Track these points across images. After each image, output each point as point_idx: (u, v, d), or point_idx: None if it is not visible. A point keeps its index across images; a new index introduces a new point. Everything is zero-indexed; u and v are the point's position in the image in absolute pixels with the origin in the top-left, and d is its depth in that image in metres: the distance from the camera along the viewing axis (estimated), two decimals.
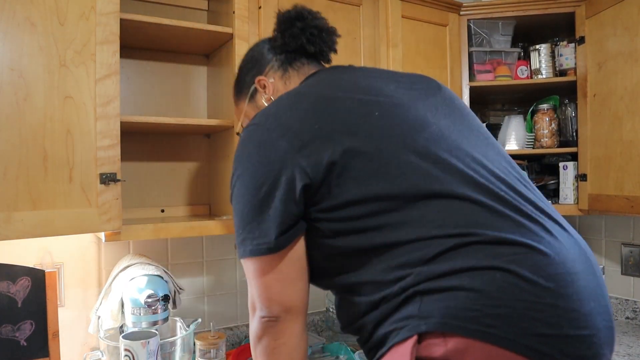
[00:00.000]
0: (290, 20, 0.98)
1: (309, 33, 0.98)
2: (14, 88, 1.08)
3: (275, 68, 1.01)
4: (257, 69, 1.03)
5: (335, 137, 0.76)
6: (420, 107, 0.84)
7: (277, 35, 1.00)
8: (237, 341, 1.74)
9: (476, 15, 1.91)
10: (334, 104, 0.81)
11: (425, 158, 0.76)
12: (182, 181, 1.65)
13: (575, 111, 1.87)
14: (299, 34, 0.97)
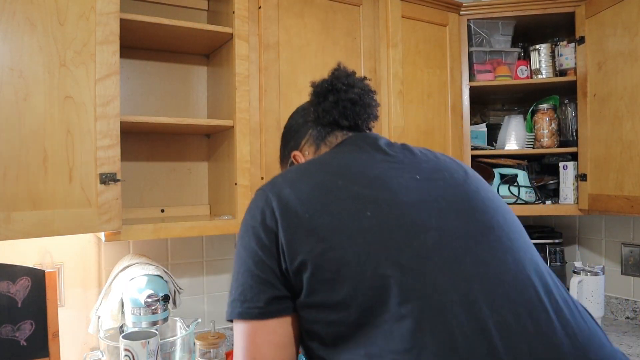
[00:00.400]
0: (323, 94, 0.96)
1: (341, 107, 0.94)
2: (14, 88, 1.08)
3: (309, 142, 0.98)
4: (294, 141, 1.01)
5: (319, 232, 0.71)
6: (427, 206, 0.74)
7: (310, 109, 0.98)
8: None
9: (476, 15, 1.91)
10: (330, 195, 0.75)
11: (406, 274, 0.67)
12: (182, 181, 1.65)
13: (575, 111, 1.87)
14: (331, 108, 0.94)
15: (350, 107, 0.94)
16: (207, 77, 1.69)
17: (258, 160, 1.45)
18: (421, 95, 1.79)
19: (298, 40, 1.51)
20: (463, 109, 1.90)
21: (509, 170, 1.98)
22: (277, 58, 1.47)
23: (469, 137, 1.90)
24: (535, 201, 1.93)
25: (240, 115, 1.42)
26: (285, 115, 1.48)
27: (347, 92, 0.95)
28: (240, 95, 1.42)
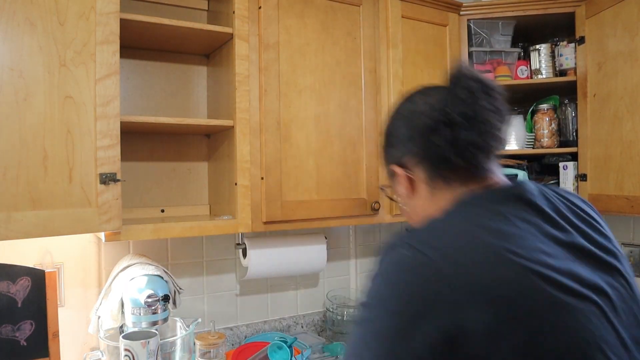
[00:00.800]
0: (431, 127, 0.76)
1: (458, 147, 0.74)
2: (14, 88, 1.08)
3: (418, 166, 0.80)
4: (396, 150, 0.84)
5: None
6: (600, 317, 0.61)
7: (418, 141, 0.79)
8: (237, 341, 1.74)
9: (476, 15, 1.91)
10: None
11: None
12: (182, 181, 1.65)
13: (575, 111, 1.87)
14: (444, 145, 0.75)
15: (471, 151, 0.74)
16: (207, 77, 1.69)
17: (258, 160, 1.45)
18: None
19: (298, 40, 1.51)
20: None
21: (509, 170, 1.97)
22: (277, 58, 1.47)
23: None
24: None
25: (240, 115, 1.42)
26: (286, 115, 1.48)
27: (467, 130, 0.73)
28: (240, 95, 1.42)
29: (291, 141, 1.49)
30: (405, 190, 0.83)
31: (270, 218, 1.45)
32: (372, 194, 1.63)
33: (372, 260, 2.08)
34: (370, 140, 1.64)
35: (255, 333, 1.78)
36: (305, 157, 1.51)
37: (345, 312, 1.83)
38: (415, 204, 0.83)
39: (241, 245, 1.65)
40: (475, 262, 0.60)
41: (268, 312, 1.84)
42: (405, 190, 0.83)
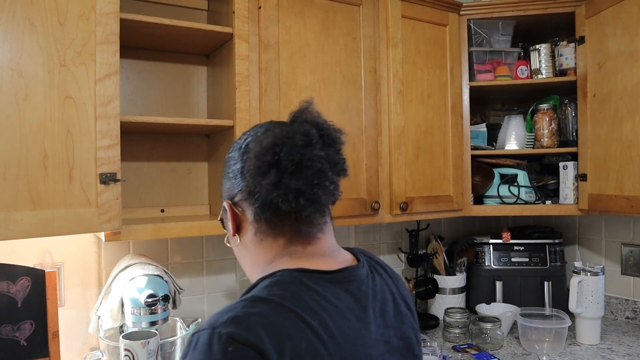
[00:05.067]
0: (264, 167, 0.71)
1: (283, 192, 0.71)
2: (14, 88, 1.08)
3: (247, 204, 0.77)
4: (229, 184, 0.80)
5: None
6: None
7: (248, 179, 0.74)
8: None
9: (476, 15, 1.91)
10: None
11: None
12: (182, 181, 1.65)
13: (575, 111, 1.87)
14: (271, 189, 0.71)
15: (294, 197, 0.71)
16: (207, 77, 1.69)
17: None
18: (421, 95, 1.79)
19: (298, 40, 1.51)
20: (463, 109, 1.90)
21: (509, 170, 1.97)
22: (277, 58, 1.47)
23: (469, 137, 1.90)
24: (535, 201, 1.93)
25: (240, 115, 1.42)
26: (286, 115, 1.47)
27: (292, 176, 0.70)
28: (240, 95, 1.42)
29: None
30: (231, 229, 0.79)
31: None
32: (372, 194, 1.63)
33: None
34: (370, 140, 1.64)
35: None
36: None
37: None
38: (243, 246, 0.80)
39: None
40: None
41: None
42: (231, 228, 0.79)
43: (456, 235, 2.33)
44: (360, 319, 0.70)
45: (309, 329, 0.62)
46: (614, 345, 1.73)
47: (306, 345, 0.61)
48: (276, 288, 0.67)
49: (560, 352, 1.67)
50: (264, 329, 0.60)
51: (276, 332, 0.60)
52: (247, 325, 0.60)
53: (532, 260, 2.00)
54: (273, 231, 0.75)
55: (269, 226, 0.75)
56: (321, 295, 0.67)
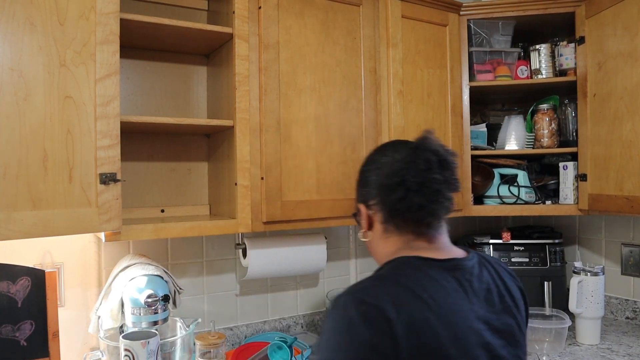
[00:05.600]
0: (392, 186, 0.92)
1: (407, 204, 0.91)
2: (14, 88, 1.08)
3: (378, 208, 0.97)
4: (363, 190, 1.00)
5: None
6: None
7: (380, 191, 0.95)
8: (237, 341, 1.74)
9: (476, 15, 1.91)
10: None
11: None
12: (182, 181, 1.65)
13: (575, 111, 1.87)
14: (397, 201, 0.92)
15: (415, 210, 0.91)
16: (207, 77, 1.69)
17: (258, 160, 1.45)
18: (421, 95, 1.79)
19: (298, 40, 1.51)
20: (463, 109, 1.90)
21: (509, 171, 1.97)
22: (277, 58, 1.47)
23: (469, 137, 1.90)
24: (535, 201, 1.93)
25: (240, 115, 1.42)
26: (286, 115, 1.48)
27: (416, 194, 0.90)
28: (240, 95, 1.42)
29: (291, 141, 1.49)
30: (365, 226, 1.01)
31: (270, 218, 1.45)
32: None
33: (372, 260, 2.09)
34: (370, 140, 1.64)
35: (255, 333, 1.78)
36: (305, 157, 1.51)
37: None
38: (373, 239, 1.01)
39: (241, 245, 1.65)
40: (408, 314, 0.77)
41: (268, 312, 1.84)
42: (365, 226, 1.01)
43: (456, 235, 2.33)
44: (463, 299, 0.84)
45: (420, 300, 0.79)
46: (614, 345, 1.73)
47: (417, 312, 0.78)
48: (396, 269, 0.86)
49: (560, 352, 1.67)
50: (387, 297, 0.78)
51: (395, 300, 0.78)
52: (374, 293, 0.79)
53: (532, 260, 2.00)
54: (398, 231, 0.95)
55: (395, 227, 0.95)
56: (431, 277, 0.84)
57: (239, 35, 1.42)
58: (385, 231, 0.96)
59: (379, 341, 0.74)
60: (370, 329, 0.74)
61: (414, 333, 0.75)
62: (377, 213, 0.97)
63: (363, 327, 0.75)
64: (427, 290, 0.81)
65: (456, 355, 0.78)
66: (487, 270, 0.93)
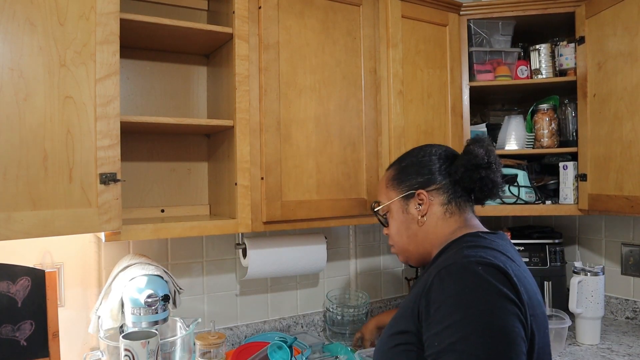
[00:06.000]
0: (476, 166, 1.04)
1: (485, 183, 1.04)
2: (14, 88, 1.08)
3: (440, 192, 1.07)
4: (423, 179, 1.09)
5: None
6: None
7: (459, 169, 1.05)
8: (237, 341, 1.74)
9: (476, 15, 1.91)
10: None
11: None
12: (182, 181, 1.65)
13: (575, 111, 1.87)
14: (477, 180, 1.04)
15: (491, 187, 1.05)
16: (207, 77, 1.69)
17: (258, 160, 1.45)
18: (421, 95, 1.79)
19: (298, 40, 1.51)
20: (463, 109, 1.90)
21: (509, 170, 1.97)
22: (277, 58, 1.47)
23: (469, 137, 1.90)
24: (535, 201, 1.93)
25: (240, 115, 1.42)
26: (286, 115, 1.48)
27: (496, 173, 1.05)
28: (240, 95, 1.42)
29: (291, 141, 1.49)
30: (423, 210, 1.07)
31: (270, 218, 1.45)
32: (372, 194, 1.62)
33: (372, 260, 2.08)
34: (370, 140, 1.64)
35: (255, 333, 1.78)
36: (305, 157, 1.51)
37: (345, 312, 1.83)
38: (427, 224, 1.07)
39: (241, 245, 1.65)
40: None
41: (268, 312, 1.84)
42: (421, 211, 1.08)
43: None
44: (517, 259, 0.97)
45: (510, 260, 0.91)
46: (614, 345, 1.73)
47: (515, 269, 0.89)
48: (473, 241, 0.97)
49: (560, 352, 1.67)
50: (493, 257, 0.87)
51: (500, 258, 0.88)
52: (482, 255, 0.87)
53: (532, 260, 2.00)
54: (459, 210, 1.06)
55: (457, 206, 1.06)
56: (498, 244, 0.96)
57: (239, 36, 1.42)
58: (447, 212, 1.06)
59: (509, 291, 0.82)
60: (498, 282, 0.82)
61: (520, 281, 0.85)
62: (438, 196, 1.07)
63: (493, 280, 0.82)
64: (507, 253, 0.93)
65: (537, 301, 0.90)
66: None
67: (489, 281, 0.81)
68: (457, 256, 0.89)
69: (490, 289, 0.81)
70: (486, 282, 0.81)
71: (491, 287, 0.81)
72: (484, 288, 0.81)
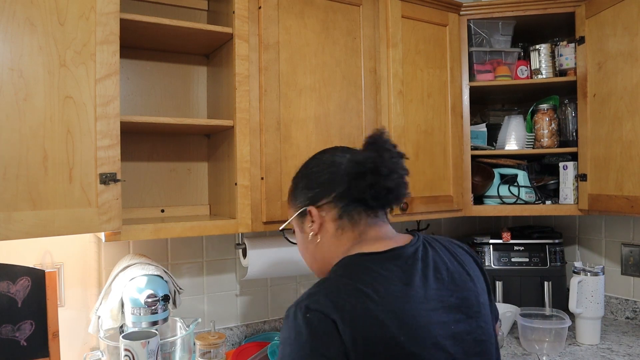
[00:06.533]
0: (362, 173, 0.94)
1: (376, 191, 0.94)
2: (14, 88, 1.08)
3: (331, 206, 0.97)
4: (313, 193, 1.00)
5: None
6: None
7: (344, 179, 0.96)
8: (237, 341, 1.74)
9: (476, 15, 1.91)
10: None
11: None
12: (182, 181, 1.65)
13: (575, 111, 1.87)
14: (366, 189, 0.94)
15: (384, 194, 0.94)
16: (207, 77, 1.69)
17: (258, 160, 1.45)
18: (421, 95, 1.79)
19: (298, 40, 1.51)
20: (463, 109, 1.90)
21: (509, 171, 1.98)
22: (277, 58, 1.47)
23: (469, 137, 1.90)
24: (535, 201, 1.93)
25: (240, 115, 1.42)
26: (286, 115, 1.48)
27: (386, 179, 0.94)
28: (240, 95, 1.42)
29: (291, 141, 1.49)
30: (314, 229, 0.99)
31: (270, 218, 1.45)
32: None
33: None
34: None
35: (255, 333, 1.78)
36: (305, 157, 1.49)
37: None
38: (321, 242, 1.00)
39: (241, 245, 1.65)
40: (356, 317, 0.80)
41: (268, 312, 1.84)
42: (315, 228, 0.99)
43: (456, 235, 2.33)
44: (407, 284, 0.86)
45: (362, 294, 0.82)
46: (614, 345, 1.73)
47: (361, 306, 0.80)
48: (340, 270, 0.89)
49: (560, 352, 1.67)
50: (328, 298, 0.81)
51: (338, 301, 0.81)
52: (317, 299, 0.82)
53: (532, 260, 2.00)
54: (352, 224, 0.97)
55: (349, 220, 0.96)
56: (372, 269, 0.87)
57: (239, 35, 1.42)
58: (338, 228, 0.97)
59: (326, 346, 0.77)
60: (316, 336, 0.78)
61: (359, 327, 0.78)
62: (330, 211, 0.98)
63: (310, 335, 0.78)
64: (368, 283, 0.84)
65: (405, 341, 0.80)
66: (434, 250, 0.95)
67: (305, 336, 0.78)
68: (297, 299, 0.85)
69: (304, 345, 0.78)
70: (302, 337, 0.78)
71: (305, 344, 0.78)
72: (299, 344, 0.79)
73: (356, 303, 0.81)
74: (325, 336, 0.78)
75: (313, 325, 0.79)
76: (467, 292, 0.92)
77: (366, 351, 0.77)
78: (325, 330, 0.78)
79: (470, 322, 0.89)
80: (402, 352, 0.79)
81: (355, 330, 0.78)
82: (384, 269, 0.87)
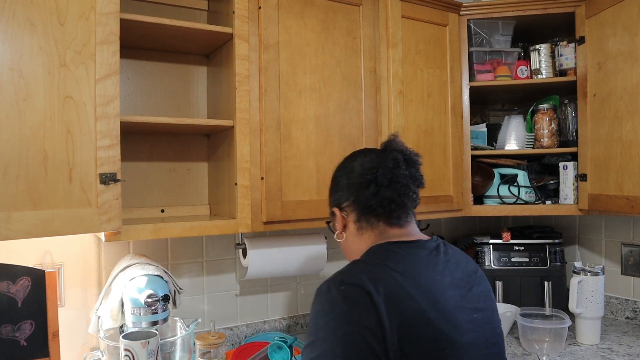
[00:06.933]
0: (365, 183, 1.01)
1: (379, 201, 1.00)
2: (14, 88, 1.08)
3: (352, 209, 1.05)
4: (337, 195, 1.08)
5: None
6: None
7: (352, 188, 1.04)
8: (237, 341, 1.74)
9: (476, 15, 1.91)
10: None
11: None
12: (182, 181, 1.65)
13: (575, 111, 1.87)
14: (370, 197, 1.01)
15: (387, 204, 1.00)
16: (207, 77, 1.69)
17: (258, 160, 1.45)
18: (421, 95, 1.79)
19: (298, 40, 1.51)
20: (463, 109, 1.90)
21: (509, 170, 1.97)
22: (277, 58, 1.47)
23: (469, 137, 1.90)
24: (535, 201, 1.93)
25: (240, 115, 1.42)
26: (286, 115, 1.48)
27: (387, 189, 1.00)
28: (240, 95, 1.42)
29: (291, 141, 1.49)
30: (339, 228, 1.09)
31: (270, 218, 1.45)
32: None
33: None
34: (370, 140, 1.64)
35: (255, 333, 1.78)
36: (305, 157, 1.51)
37: None
38: (347, 239, 1.09)
39: (241, 245, 1.65)
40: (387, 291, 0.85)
41: (268, 312, 1.84)
42: (339, 227, 1.09)
43: (456, 235, 2.33)
44: (430, 268, 0.93)
45: (395, 273, 0.88)
46: (614, 345, 1.73)
47: (394, 283, 0.86)
48: (369, 255, 0.96)
49: (560, 352, 1.67)
50: (363, 275, 0.86)
51: (372, 277, 0.86)
52: (351, 274, 0.87)
53: (532, 260, 2.00)
54: (371, 227, 1.03)
55: (368, 223, 1.03)
56: (400, 253, 0.94)
57: (239, 35, 1.42)
58: (359, 229, 1.04)
59: (363, 316, 0.81)
60: (353, 306, 0.82)
61: (393, 300, 0.83)
62: (350, 213, 1.06)
63: (346, 305, 0.82)
64: (399, 264, 0.90)
65: (435, 318, 0.84)
66: (452, 249, 1.03)
67: (341, 306, 0.82)
68: (328, 278, 0.90)
69: (340, 315, 0.82)
70: (338, 308, 0.82)
71: (341, 314, 0.81)
72: (334, 314, 0.82)
73: (388, 279, 0.86)
74: (361, 306, 0.81)
75: (348, 296, 0.83)
76: (483, 287, 0.98)
77: (401, 322, 0.81)
78: (361, 301, 0.82)
79: (487, 314, 0.95)
80: (433, 328, 0.83)
81: (389, 302, 0.82)
82: (411, 254, 0.94)
